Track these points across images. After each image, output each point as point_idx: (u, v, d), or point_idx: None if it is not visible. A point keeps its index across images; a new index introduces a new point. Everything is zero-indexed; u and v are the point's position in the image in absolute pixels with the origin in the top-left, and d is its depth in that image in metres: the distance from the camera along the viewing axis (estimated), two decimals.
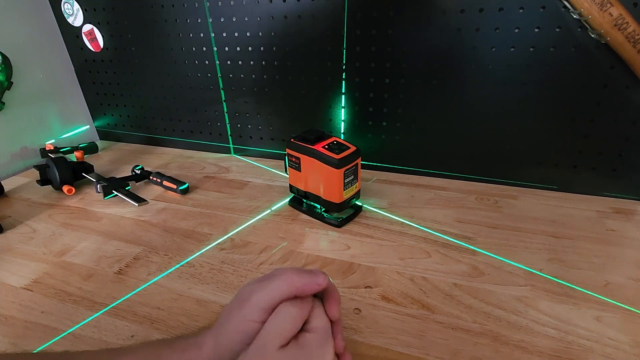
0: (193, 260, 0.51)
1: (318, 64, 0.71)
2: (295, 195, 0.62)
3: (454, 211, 0.61)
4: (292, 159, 0.58)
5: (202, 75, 0.81)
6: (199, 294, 0.45)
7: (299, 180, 0.59)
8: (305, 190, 0.58)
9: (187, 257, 0.52)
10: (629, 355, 0.35)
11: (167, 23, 0.78)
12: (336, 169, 0.52)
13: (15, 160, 0.83)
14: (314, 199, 0.58)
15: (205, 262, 0.50)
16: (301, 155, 0.56)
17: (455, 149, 0.69)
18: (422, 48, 0.63)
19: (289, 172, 0.60)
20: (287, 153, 0.58)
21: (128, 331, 0.40)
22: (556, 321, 0.39)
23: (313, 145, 0.54)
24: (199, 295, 0.45)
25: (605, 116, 0.59)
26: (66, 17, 0.86)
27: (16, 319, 0.42)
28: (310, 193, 0.58)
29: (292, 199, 0.64)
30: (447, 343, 0.37)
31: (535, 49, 0.58)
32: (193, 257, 0.51)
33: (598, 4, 0.50)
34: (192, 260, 0.51)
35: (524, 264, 0.48)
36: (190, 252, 0.53)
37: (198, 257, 0.52)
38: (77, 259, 0.52)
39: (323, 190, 0.56)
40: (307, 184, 0.58)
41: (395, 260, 0.49)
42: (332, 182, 0.54)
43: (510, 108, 0.63)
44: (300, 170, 0.57)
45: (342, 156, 0.52)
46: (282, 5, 0.68)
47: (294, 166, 0.58)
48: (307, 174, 0.57)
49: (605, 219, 0.58)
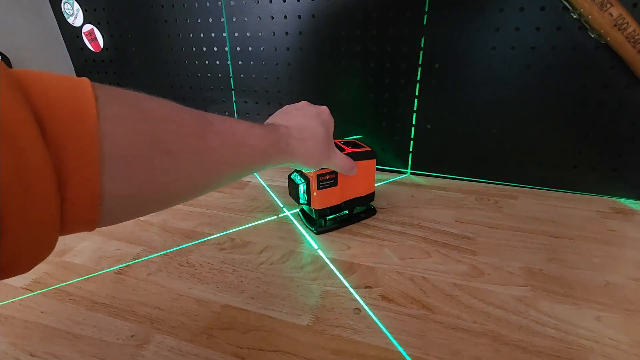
0: (193, 260, 0.51)
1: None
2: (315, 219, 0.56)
3: (454, 211, 0.61)
4: (326, 178, 0.52)
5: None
6: (199, 294, 0.45)
7: (332, 197, 0.54)
8: (341, 202, 0.55)
9: (187, 257, 0.52)
10: (629, 355, 0.35)
11: (167, 23, 0.78)
12: (374, 158, 0.56)
13: None
14: (349, 205, 0.56)
15: (205, 262, 0.50)
16: None
17: (455, 149, 0.69)
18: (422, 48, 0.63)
19: (316, 196, 0.53)
20: (318, 175, 0.51)
21: (128, 331, 0.40)
22: (556, 321, 0.39)
23: (344, 151, 0.53)
24: (199, 295, 0.45)
25: (605, 116, 0.59)
26: (66, 17, 0.86)
27: (16, 319, 0.42)
28: (347, 201, 0.56)
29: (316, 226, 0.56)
30: (447, 343, 0.37)
31: (535, 49, 0.58)
32: (193, 257, 0.51)
33: (598, 4, 0.50)
34: (192, 260, 0.51)
35: (524, 264, 0.48)
36: (190, 252, 0.53)
37: (198, 257, 0.52)
38: (77, 259, 0.52)
39: (362, 187, 0.56)
40: (344, 193, 0.55)
41: (395, 260, 0.49)
42: (371, 174, 0.57)
43: (510, 108, 0.63)
44: (337, 184, 0.53)
45: (370, 148, 0.56)
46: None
47: (326, 185, 0.52)
48: (344, 183, 0.54)
49: (605, 219, 0.58)
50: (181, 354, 0.37)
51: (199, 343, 0.38)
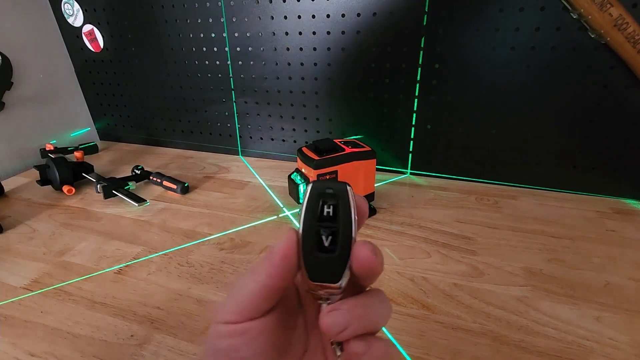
0: (193, 260, 0.51)
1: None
2: None
3: (454, 211, 0.61)
4: (326, 178, 0.53)
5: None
6: (199, 294, 0.45)
7: None
8: None
9: (187, 257, 0.51)
10: (628, 355, 0.35)
11: (167, 23, 0.78)
12: (374, 158, 0.56)
13: (15, 160, 0.83)
14: None
15: (205, 262, 0.50)
16: (338, 166, 0.54)
17: (455, 149, 0.69)
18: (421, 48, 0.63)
19: None
20: (318, 175, 0.52)
21: (128, 331, 0.40)
22: (556, 321, 0.39)
23: (344, 151, 0.54)
24: (199, 295, 0.45)
25: (605, 116, 0.59)
26: (66, 17, 0.86)
27: (16, 319, 0.42)
28: None
29: None
30: (447, 343, 0.37)
31: (535, 50, 0.58)
32: (193, 257, 0.51)
33: (598, 4, 0.50)
34: (192, 260, 0.51)
35: (524, 264, 0.48)
36: (190, 252, 0.53)
37: (198, 257, 0.52)
38: (77, 259, 0.52)
39: (363, 186, 0.56)
40: None
41: (395, 260, 0.49)
42: (371, 173, 0.57)
43: (510, 108, 0.63)
44: None
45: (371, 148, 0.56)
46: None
47: None
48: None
49: (605, 219, 0.58)
50: (181, 353, 0.37)
51: (199, 343, 0.38)
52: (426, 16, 0.61)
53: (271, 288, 0.18)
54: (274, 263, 0.17)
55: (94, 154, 0.92)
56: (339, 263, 0.18)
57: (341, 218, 0.18)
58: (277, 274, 0.17)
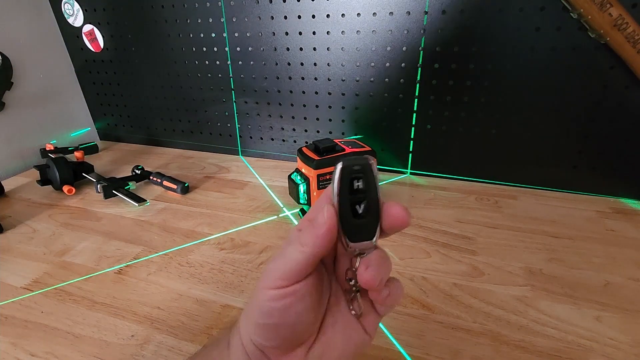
0: (193, 260, 0.51)
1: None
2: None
3: (454, 211, 0.61)
4: (326, 178, 0.53)
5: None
6: (199, 294, 0.45)
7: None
8: None
9: (187, 257, 0.52)
10: (628, 355, 0.35)
11: (167, 23, 0.78)
12: (374, 158, 0.55)
13: (15, 160, 0.83)
14: None
15: (205, 262, 0.50)
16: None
17: (455, 149, 0.69)
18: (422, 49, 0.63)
19: (316, 195, 0.54)
20: (318, 175, 0.53)
21: (128, 331, 0.40)
22: (556, 321, 0.39)
23: (344, 151, 0.54)
24: (199, 295, 0.45)
25: (605, 116, 0.59)
26: (66, 17, 0.86)
27: (16, 319, 0.42)
28: None
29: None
30: (447, 343, 0.37)
31: (534, 50, 0.58)
32: (193, 257, 0.51)
33: (598, 4, 0.50)
34: (192, 260, 0.51)
35: (524, 264, 0.48)
36: (190, 252, 0.53)
37: (198, 257, 0.52)
38: (77, 259, 0.52)
39: None
40: None
41: (395, 260, 0.49)
42: None
43: (510, 108, 0.63)
44: None
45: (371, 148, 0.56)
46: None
47: (327, 184, 0.54)
48: None
49: (605, 219, 0.58)
50: (181, 353, 0.37)
51: (199, 343, 0.38)
52: (426, 16, 0.61)
53: (317, 256, 0.21)
54: (320, 235, 0.21)
55: (94, 154, 0.92)
56: (372, 224, 0.21)
57: (369, 188, 0.21)
58: (322, 245, 0.21)
